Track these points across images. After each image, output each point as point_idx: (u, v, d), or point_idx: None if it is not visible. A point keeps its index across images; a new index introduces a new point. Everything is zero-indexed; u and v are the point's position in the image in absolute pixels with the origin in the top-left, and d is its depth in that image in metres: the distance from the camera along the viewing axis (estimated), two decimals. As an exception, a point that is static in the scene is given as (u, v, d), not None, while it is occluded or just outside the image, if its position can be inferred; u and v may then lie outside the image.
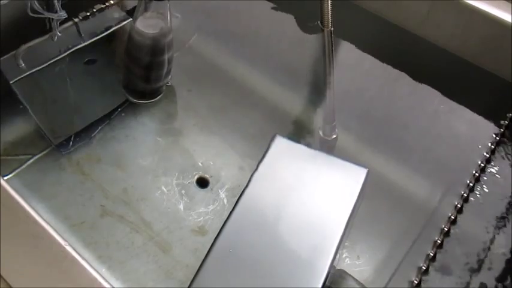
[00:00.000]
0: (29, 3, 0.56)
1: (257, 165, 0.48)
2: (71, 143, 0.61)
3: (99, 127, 0.63)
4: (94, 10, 0.68)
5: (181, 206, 0.58)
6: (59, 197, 0.57)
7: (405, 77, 0.73)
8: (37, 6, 0.56)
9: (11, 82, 0.61)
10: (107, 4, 0.69)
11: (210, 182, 0.60)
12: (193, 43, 0.76)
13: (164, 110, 0.67)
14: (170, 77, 0.66)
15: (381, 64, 0.74)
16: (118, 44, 0.69)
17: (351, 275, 0.48)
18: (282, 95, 0.71)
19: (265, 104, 0.69)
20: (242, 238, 0.43)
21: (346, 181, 0.48)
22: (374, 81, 0.74)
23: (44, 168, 0.59)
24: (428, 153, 0.65)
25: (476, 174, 0.61)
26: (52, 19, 0.60)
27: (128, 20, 0.69)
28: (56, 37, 0.63)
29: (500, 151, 0.64)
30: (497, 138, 0.65)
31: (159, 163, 0.61)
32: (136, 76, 0.62)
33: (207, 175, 0.61)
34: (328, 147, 0.64)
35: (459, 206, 0.57)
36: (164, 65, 0.61)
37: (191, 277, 0.41)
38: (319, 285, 0.41)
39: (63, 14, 0.59)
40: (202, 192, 0.59)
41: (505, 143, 0.65)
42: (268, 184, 0.47)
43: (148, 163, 0.61)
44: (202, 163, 0.62)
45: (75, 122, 0.63)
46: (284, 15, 0.80)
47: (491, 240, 0.55)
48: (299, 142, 0.51)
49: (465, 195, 0.59)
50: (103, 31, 0.68)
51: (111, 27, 0.68)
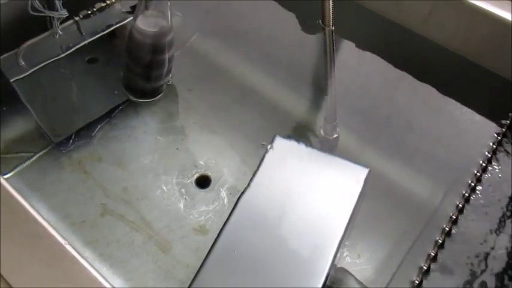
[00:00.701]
0: (30, 1, 0.56)
1: (258, 164, 0.48)
2: (71, 142, 0.61)
3: (99, 126, 0.63)
4: (95, 9, 0.68)
5: (181, 205, 0.58)
6: (59, 196, 0.57)
7: (407, 76, 0.73)
8: (38, 4, 0.56)
9: (12, 81, 0.61)
10: (108, 2, 0.69)
11: (211, 181, 0.60)
12: (194, 42, 0.75)
13: (165, 109, 0.67)
14: (171, 76, 0.66)
15: (383, 63, 0.74)
16: (119, 43, 0.69)
17: (352, 274, 0.48)
18: (283, 94, 0.71)
19: (266, 103, 0.69)
20: (243, 238, 0.43)
21: (347, 181, 0.47)
22: (375, 80, 0.74)
23: (44, 167, 0.59)
24: (429, 152, 0.65)
25: (477, 173, 0.61)
26: (53, 17, 0.60)
27: (129, 19, 0.69)
28: (57, 35, 0.63)
29: (501, 150, 0.63)
30: (498, 137, 0.65)
31: (160, 162, 0.61)
32: (136, 75, 0.62)
33: (208, 174, 0.61)
34: (329, 146, 0.64)
35: (460, 206, 0.57)
36: (165, 64, 0.61)
37: (192, 277, 0.41)
38: (319, 284, 0.41)
39: (64, 13, 0.59)
40: (202, 191, 0.59)
41: (507, 143, 0.64)
42: (269, 184, 0.47)
43: (149, 162, 0.61)
44: (203, 162, 0.62)
45: (75, 121, 0.63)
46: (285, 14, 0.80)
47: (492, 240, 0.55)
48: (300, 141, 0.51)
49: (466, 195, 0.58)
50: (104, 29, 0.68)
51: (111, 25, 0.68)
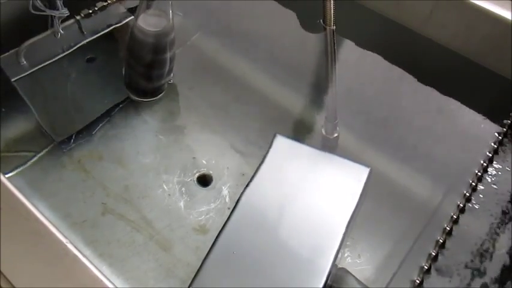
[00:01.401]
0: (31, 0, 0.56)
1: (259, 164, 0.48)
2: (72, 141, 0.61)
3: (100, 125, 0.63)
4: (96, 8, 0.67)
5: (182, 204, 0.58)
6: (60, 195, 0.57)
7: (408, 76, 0.73)
8: (39, 3, 0.56)
9: (13, 80, 0.61)
10: (109, 2, 0.69)
11: (212, 180, 0.60)
12: (195, 41, 0.75)
13: (166, 108, 0.67)
14: (172, 75, 0.66)
15: (384, 63, 0.74)
16: (120, 42, 0.69)
17: (352, 274, 0.48)
18: (284, 94, 0.71)
19: (266, 103, 0.69)
20: (243, 237, 0.43)
21: (348, 180, 0.47)
22: (376, 80, 0.73)
23: (45, 166, 0.59)
24: (430, 152, 0.65)
25: (478, 173, 0.60)
26: (54, 16, 0.60)
27: (130, 18, 0.69)
28: (58, 35, 0.63)
29: (503, 150, 0.63)
30: (499, 137, 0.64)
31: (161, 161, 0.61)
32: (138, 74, 0.62)
33: (209, 173, 0.61)
34: (330, 146, 0.64)
35: (461, 206, 0.57)
36: (166, 63, 0.61)
37: (192, 276, 0.41)
38: (320, 284, 0.41)
39: (65, 12, 0.59)
40: (203, 190, 0.59)
41: (508, 142, 0.64)
42: (269, 183, 0.47)
43: (149, 161, 0.61)
44: (203, 161, 0.62)
45: (76, 120, 0.63)
46: (286, 13, 0.80)
47: (493, 240, 0.55)
48: (301, 140, 0.51)
49: (467, 194, 0.58)
50: (105, 29, 0.68)
51: (113, 25, 0.68)
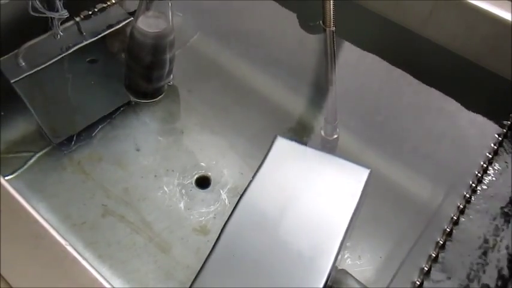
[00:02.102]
0: (30, 2, 0.56)
1: (259, 165, 0.48)
2: (73, 142, 0.61)
3: (100, 126, 0.63)
4: (95, 9, 0.67)
5: (182, 206, 0.58)
6: (60, 197, 0.57)
7: (407, 77, 0.73)
8: (38, 5, 0.56)
9: (12, 82, 0.61)
10: (109, 3, 0.69)
11: (212, 182, 0.60)
12: (195, 42, 0.75)
13: (165, 110, 0.67)
14: (172, 77, 0.66)
15: (383, 64, 0.74)
16: (119, 43, 0.69)
17: (353, 276, 0.48)
18: (284, 95, 0.71)
19: (266, 104, 0.69)
20: (244, 238, 0.43)
21: (348, 181, 0.47)
22: (376, 81, 0.73)
23: (45, 167, 0.59)
24: (430, 153, 0.65)
25: (478, 174, 0.61)
26: (53, 18, 0.60)
27: (130, 19, 0.69)
28: (58, 36, 0.63)
29: (502, 151, 0.63)
30: (499, 138, 0.64)
31: (161, 163, 0.61)
32: (137, 75, 0.62)
33: (209, 175, 0.61)
34: (329, 147, 0.64)
35: (461, 207, 0.57)
36: (166, 65, 0.61)
37: (192, 278, 0.41)
38: (320, 285, 0.41)
39: (64, 13, 0.59)
40: (203, 192, 0.59)
41: (508, 143, 0.64)
42: (269, 184, 0.47)
43: (149, 163, 0.61)
44: (203, 163, 0.62)
45: (76, 122, 0.63)
46: (286, 14, 0.80)
47: (493, 241, 0.55)
48: (301, 142, 0.51)
49: (467, 195, 0.58)
50: (104, 30, 0.68)
51: (112, 26, 0.68)
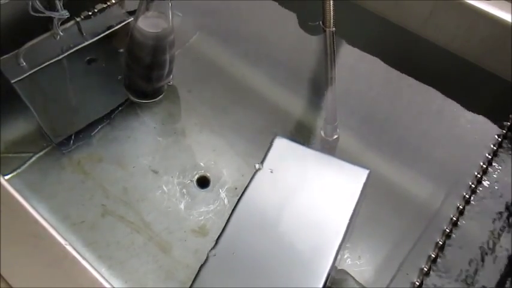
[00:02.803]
0: (31, 2, 0.56)
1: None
2: (72, 142, 0.61)
3: (99, 126, 0.63)
4: (95, 9, 0.67)
5: (182, 206, 0.58)
6: (59, 197, 0.57)
7: (407, 78, 0.73)
8: (38, 5, 0.56)
9: (13, 82, 0.61)
10: (109, 3, 0.69)
11: (211, 182, 0.60)
12: (194, 42, 0.75)
13: (165, 110, 0.67)
14: (172, 77, 0.66)
15: (383, 65, 0.74)
16: (119, 44, 0.69)
17: (352, 276, 0.48)
18: (284, 95, 0.71)
19: (266, 104, 0.69)
20: (243, 239, 0.43)
21: (347, 182, 0.47)
22: (376, 81, 0.73)
23: (45, 167, 0.59)
24: (430, 154, 0.65)
25: (478, 175, 0.61)
26: (54, 18, 0.60)
27: (130, 20, 0.69)
28: (58, 36, 0.63)
29: (502, 152, 0.63)
30: (499, 139, 0.64)
31: (160, 162, 0.61)
32: (137, 75, 0.62)
33: (208, 175, 0.61)
34: (329, 147, 0.64)
35: (461, 208, 0.57)
36: (166, 65, 0.61)
37: (192, 277, 0.41)
38: (320, 285, 0.41)
39: (64, 13, 0.59)
40: (203, 192, 0.59)
41: (507, 144, 0.64)
42: (269, 185, 0.47)
43: (149, 162, 0.61)
44: (203, 163, 0.62)
45: (76, 121, 0.63)
46: (286, 14, 0.80)
47: (493, 242, 0.55)
48: (300, 142, 0.51)
49: (467, 196, 0.58)
50: (104, 30, 0.68)
51: (112, 26, 0.68)
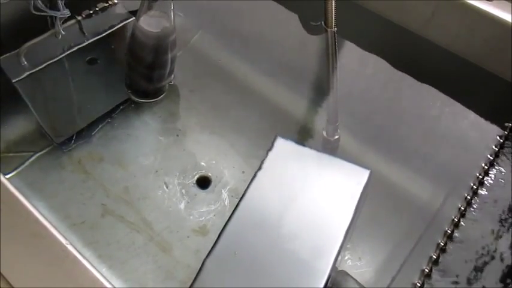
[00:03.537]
0: (32, 1, 0.56)
1: (259, 165, 0.48)
2: (73, 141, 0.61)
3: (100, 125, 0.63)
4: (97, 8, 0.68)
5: (182, 206, 0.58)
6: (60, 196, 0.57)
7: (409, 78, 0.73)
8: (40, 4, 0.56)
9: (14, 81, 0.61)
10: (110, 3, 0.69)
11: (212, 182, 0.60)
12: (196, 42, 0.75)
13: (166, 109, 0.67)
14: (173, 76, 0.66)
15: (385, 65, 0.74)
16: (121, 43, 0.69)
17: (352, 277, 0.47)
18: (285, 95, 0.71)
19: (267, 104, 0.69)
20: (244, 239, 0.43)
21: (348, 182, 0.47)
22: (377, 82, 0.73)
23: (45, 166, 0.59)
24: (431, 155, 0.65)
25: (480, 176, 0.60)
26: (55, 17, 0.60)
27: (131, 19, 0.69)
28: (59, 35, 0.63)
29: (504, 153, 0.63)
30: (501, 140, 0.64)
31: (161, 162, 0.61)
32: (139, 75, 0.62)
33: (209, 175, 0.61)
34: (330, 148, 0.64)
35: (462, 209, 0.57)
36: (167, 64, 0.61)
37: (192, 277, 0.41)
38: (320, 285, 0.41)
39: (66, 12, 0.59)
40: (203, 192, 0.59)
41: (509, 145, 0.64)
42: (270, 185, 0.47)
43: (150, 162, 0.61)
44: (204, 163, 0.62)
45: (77, 121, 0.63)
46: (288, 15, 0.80)
47: (494, 243, 0.55)
48: (301, 143, 0.51)
49: (469, 198, 0.58)
50: (106, 30, 0.68)
51: (114, 25, 0.68)
